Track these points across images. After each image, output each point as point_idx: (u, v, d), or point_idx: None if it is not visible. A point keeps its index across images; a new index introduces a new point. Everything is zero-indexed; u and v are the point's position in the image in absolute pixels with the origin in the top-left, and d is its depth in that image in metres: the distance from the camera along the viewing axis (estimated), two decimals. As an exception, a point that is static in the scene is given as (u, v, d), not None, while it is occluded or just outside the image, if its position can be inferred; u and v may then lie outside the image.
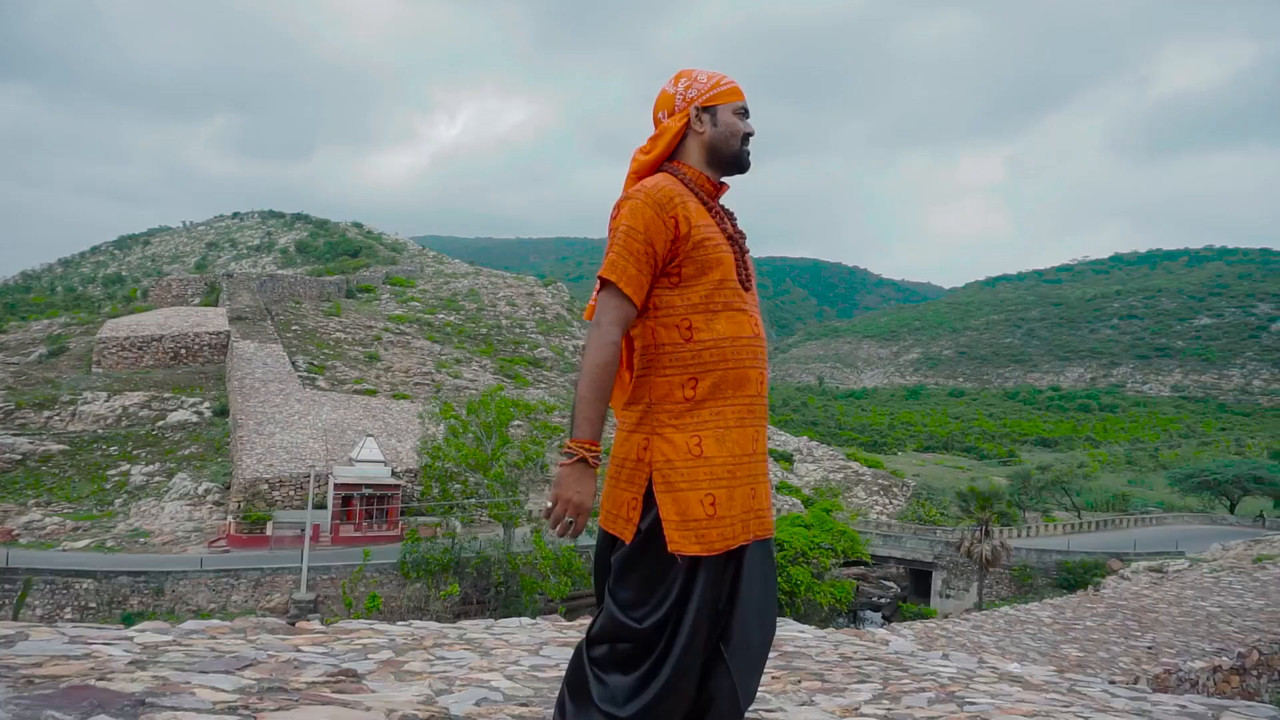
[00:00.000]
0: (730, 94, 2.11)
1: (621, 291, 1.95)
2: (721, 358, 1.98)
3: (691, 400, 1.97)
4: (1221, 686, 10.15)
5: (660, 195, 1.99)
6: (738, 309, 2.02)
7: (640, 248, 1.95)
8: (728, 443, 1.96)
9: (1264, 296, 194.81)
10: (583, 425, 1.91)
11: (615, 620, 1.93)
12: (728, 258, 2.04)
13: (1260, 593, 14.96)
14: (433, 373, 64.56)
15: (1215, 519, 57.74)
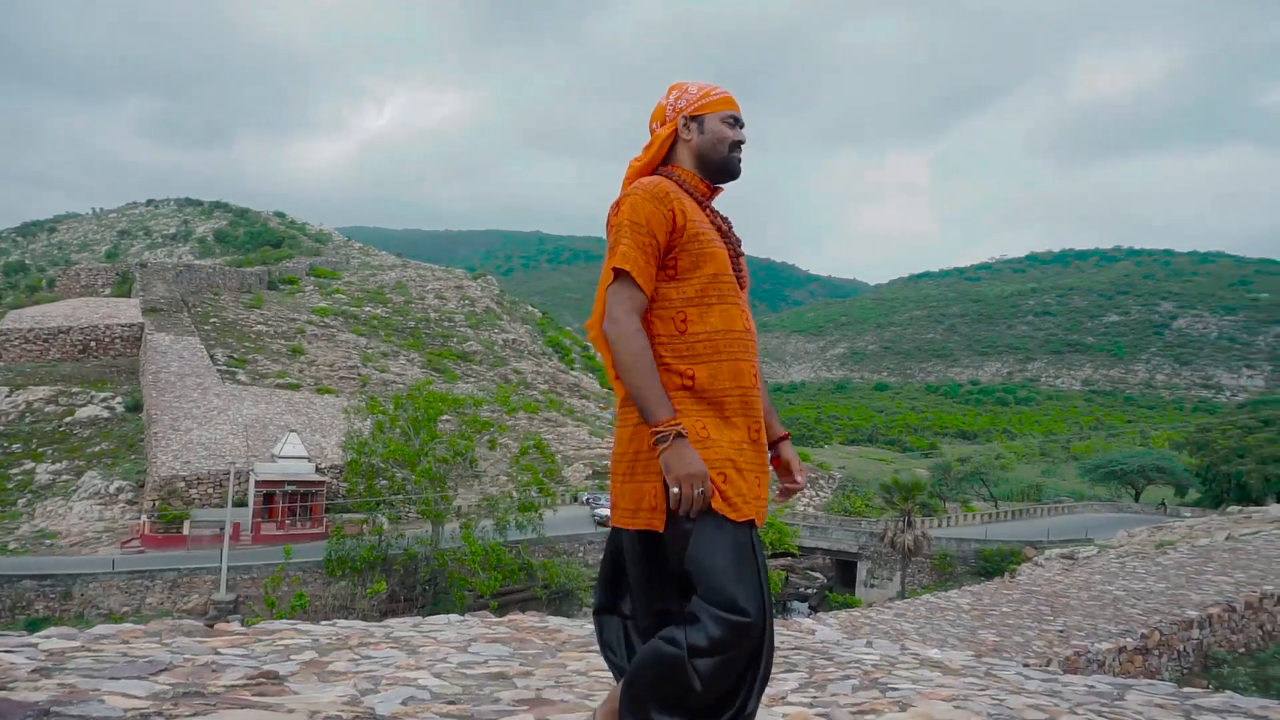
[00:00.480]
0: (719, 103, 2.18)
1: (635, 281, 2.00)
2: (715, 350, 2.03)
3: (691, 390, 2.01)
4: (1126, 666, 10.64)
5: (657, 190, 2.06)
6: (731, 303, 2.08)
7: (645, 240, 2.01)
8: (727, 430, 2.01)
9: (1167, 295, 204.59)
10: (655, 409, 1.91)
11: (725, 622, 1.83)
12: (721, 253, 2.10)
13: (1161, 577, 15.72)
14: (359, 367, 63.25)
15: (1122, 507, 60.44)
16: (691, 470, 1.86)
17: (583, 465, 53.61)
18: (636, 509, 2.01)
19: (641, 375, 1.93)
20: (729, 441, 2.00)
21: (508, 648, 4.08)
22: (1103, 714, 3.27)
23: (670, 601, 2.04)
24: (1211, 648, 12.66)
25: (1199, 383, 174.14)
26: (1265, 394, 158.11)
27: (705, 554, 1.88)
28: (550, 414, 64.09)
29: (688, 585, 1.95)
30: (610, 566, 2.23)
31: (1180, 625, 12.10)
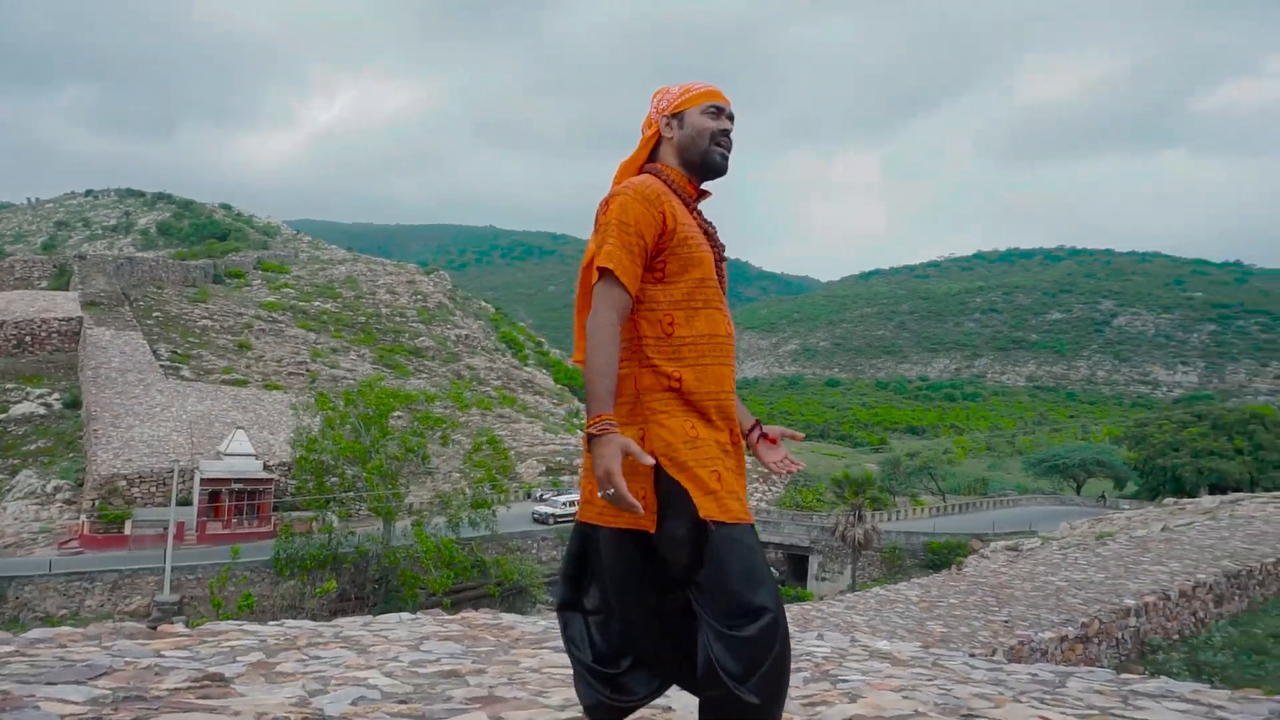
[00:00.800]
0: (700, 96, 2.17)
1: (620, 281, 1.98)
2: (700, 354, 2.04)
3: (677, 391, 2.02)
4: (1068, 655, 10.94)
5: (648, 191, 2.05)
6: (715, 308, 2.09)
7: (633, 240, 2.00)
8: (711, 432, 2.04)
9: (1107, 294, 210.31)
10: (601, 404, 1.90)
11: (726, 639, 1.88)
12: (708, 257, 2.10)
13: (1101, 567, 16.18)
14: (308, 362, 62.17)
15: (1064, 500, 62.06)
16: (608, 467, 1.82)
17: (536, 461, 53.38)
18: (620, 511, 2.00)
19: (601, 372, 1.91)
20: (715, 441, 2.02)
21: (460, 645, 4.05)
22: (1045, 701, 3.36)
23: (661, 599, 2.05)
24: (1148, 635, 13.08)
25: (1137, 379, 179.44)
26: (1198, 390, 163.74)
27: (718, 567, 1.90)
28: (504, 410, 63.71)
29: (683, 582, 1.98)
30: (576, 563, 2.20)
31: (1118, 614, 12.47)
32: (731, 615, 1.87)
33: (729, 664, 1.85)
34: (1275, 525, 24.39)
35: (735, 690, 1.85)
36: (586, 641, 2.18)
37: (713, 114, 2.16)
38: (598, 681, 2.14)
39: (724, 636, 1.87)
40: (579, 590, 2.21)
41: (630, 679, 2.14)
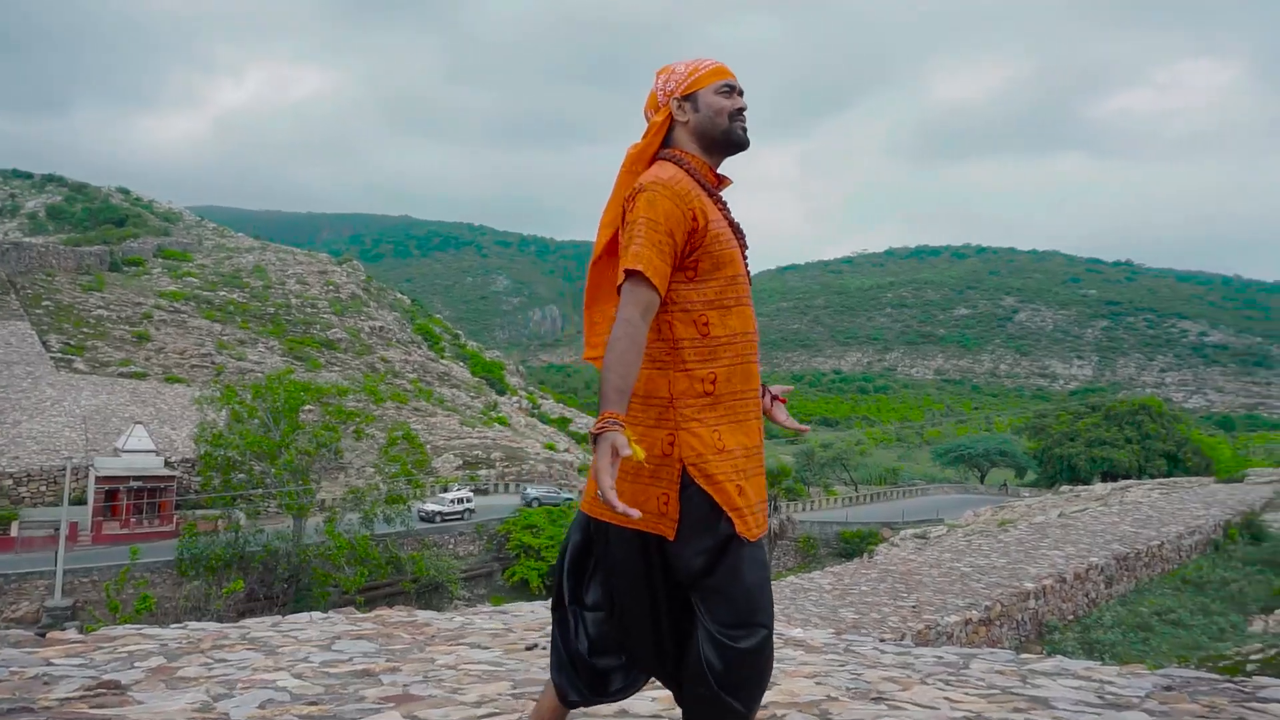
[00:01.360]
0: (710, 75, 2.10)
1: (649, 281, 1.90)
2: (735, 352, 2.01)
3: (711, 395, 1.98)
4: (972, 636, 11.39)
5: (678, 187, 1.98)
6: (745, 304, 2.05)
7: (662, 238, 1.93)
8: (740, 435, 1.99)
9: (1010, 291, 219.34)
10: (615, 402, 1.82)
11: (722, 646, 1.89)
12: (738, 254, 2.06)
13: (1003, 553, 16.88)
14: (213, 354, 59.89)
15: (969, 489, 64.52)
16: (599, 466, 1.77)
17: (453, 456, 52.70)
18: (644, 511, 1.97)
19: (614, 369, 1.84)
20: (740, 448, 1.99)
21: (374, 644, 3.98)
22: (950, 682, 3.48)
23: (663, 598, 2.03)
24: (1045, 616, 13.72)
25: (1036, 372, 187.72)
26: (1092, 383, 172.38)
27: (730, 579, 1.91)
28: (420, 403, 62.65)
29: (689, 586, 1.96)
30: (581, 559, 2.16)
31: (1019, 597, 13.04)
32: (733, 626, 1.89)
33: (720, 670, 1.88)
34: (1160, 510, 25.88)
35: (722, 695, 1.89)
36: (583, 635, 2.16)
37: (726, 93, 2.10)
38: (583, 673, 2.14)
39: (721, 645, 1.89)
40: (581, 585, 2.19)
41: (615, 675, 2.15)
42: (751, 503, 1.96)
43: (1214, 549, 21.65)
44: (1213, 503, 28.32)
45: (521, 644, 4.17)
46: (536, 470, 52.78)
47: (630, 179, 2.12)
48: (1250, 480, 39.96)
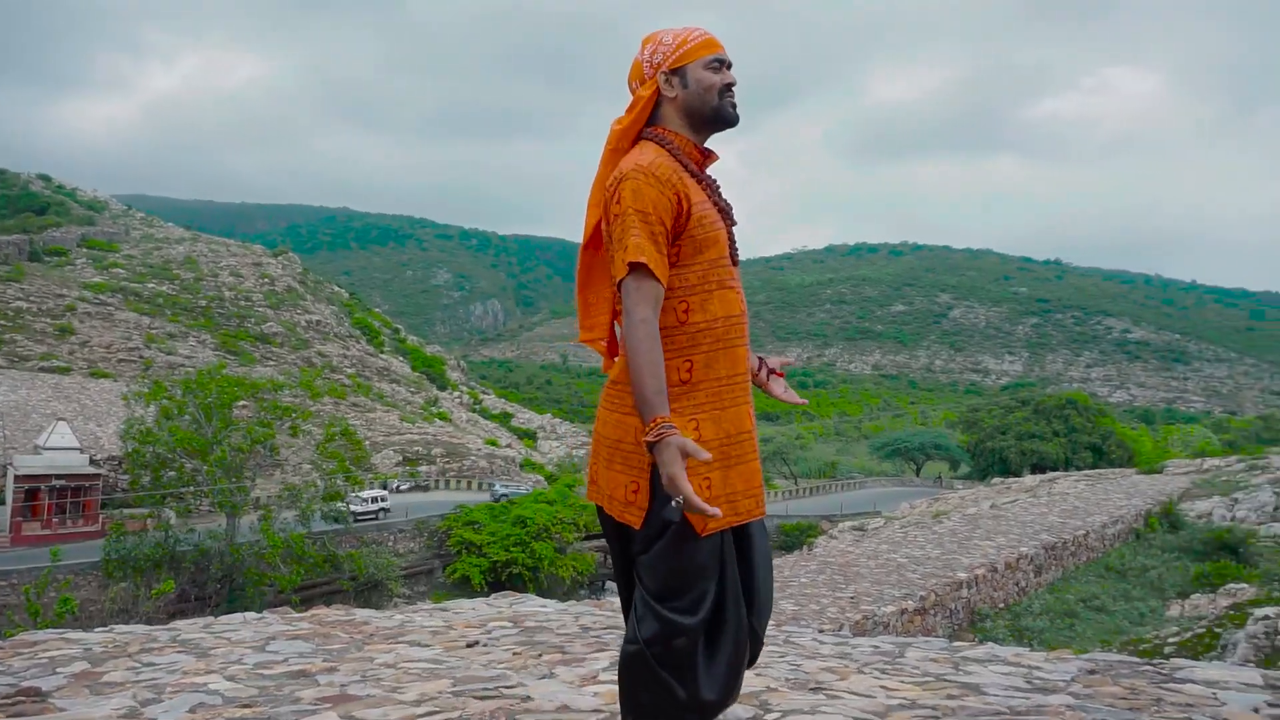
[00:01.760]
0: (700, 48, 2.01)
1: (653, 273, 1.86)
2: (716, 338, 1.96)
3: (687, 383, 1.94)
4: (907, 626, 11.65)
5: (660, 172, 1.92)
6: (729, 287, 2.00)
7: (656, 228, 1.89)
8: (723, 423, 1.95)
9: (945, 288, 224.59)
10: (654, 408, 1.80)
11: (662, 618, 1.89)
12: (722, 235, 2.00)
13: (938, 544, 17.29)
14: (141, 348, 57.97)
15: (905, 481, 65.93)
16: (673, 473, 1.77)
17: (393, 451, 51.95)
18: (613, 498, 1.98)
19: (649, 372, 1.82)
20: (723, 436, 1.95)
21: (310, 644, 3.90)
22: (886, 671, 3.56)
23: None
24: (977, 605, 14.10)
25: (970, 367, 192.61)
26: (1023, 378, 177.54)
27: (661, 560, 1.90)
28: (358, 399, 61.57)
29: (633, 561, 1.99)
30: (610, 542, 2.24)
31: (952, 586, 13.38)
32: (662, 597, 1.90)
33: (643, 629, 1.90)
34: (1085, 501, 26.79)
35: (638, 647, 1.91)
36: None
37: (715, 67, 2.02)
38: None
39: (650, 606, 1.90)
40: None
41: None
42: (721, 495, 1.93)
43: (1135, 537, 22.48)
44: (1134, 493, 29.41)
45: (462, 641, 4.13)
46: (478, 466, 52.36)
47: (615, 157, 2.05)
48: (1169, 471, 41.59)
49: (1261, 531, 21.11)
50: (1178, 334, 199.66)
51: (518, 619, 4.84)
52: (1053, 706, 2.91)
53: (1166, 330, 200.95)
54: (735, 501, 1.96)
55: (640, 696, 1.94)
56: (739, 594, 1.98)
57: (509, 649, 3.96)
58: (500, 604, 5.75)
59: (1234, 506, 25.11)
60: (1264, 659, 7.85)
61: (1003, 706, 2.93)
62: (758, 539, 2.08)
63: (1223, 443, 69.22)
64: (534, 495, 39.19)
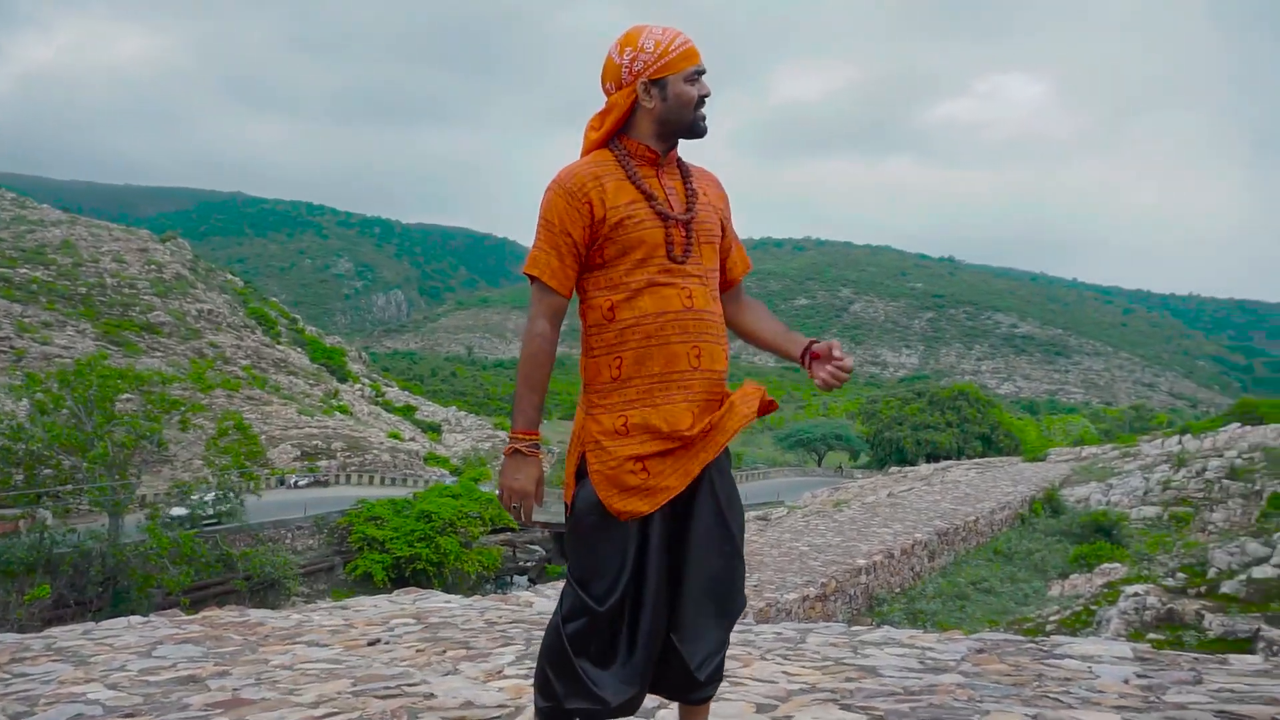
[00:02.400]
0: (681, 59, 2.00)
1: (547, 285, 1.97)
2: (646, 335, 1.96)
3: (617, 380, 1.97)
4: (809, 612, 11.96)
5: (572, 183, 1.97)
6: (663, 284, 1.97)
7: (558, 239, 1.96)
8: (653, 420, 1.95)
9: (846, 282, 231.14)
10: (517, 417, 1.99)
11: (577, 597, 1.95)
12: (652, 234, 1.97)
13: (838, 532, 17.81)
14: (11, 338, 54.38)
15: (808, 472, 67.64)
16: (515, 485, 1.94)
17: (290, 446, 50.30)
18: (564, 486, 2.09)
19: (523, 380, 1.99)
20: (655, 434, 1.95)
21: (200, 647, 3.75)
22: (788, 657, 3.65)
23: None
24: (875, 590, 14.59)
25: (869, 360, 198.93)
26: (919, 370, 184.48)
27: (573, 543, 1.99)
28: (254, 391, 59.35)
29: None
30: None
31: (851, 572, 13.81)
32: (578, 579, 1.97)
33: (562, 603, 2.00)
34: (975, 488, 28.04)
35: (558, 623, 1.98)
36: None
37: (694, 79, 2.02)
38: None
39: (569, 585, 2.00)
40: None
41: None
42: (658, 486, 1.94)
43: (1021, 522, 23.67)
44: (1020, 480, 30.96)
45: (364, 639, 4.04)
46: (380, 460, 51.21)
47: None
48: (1051, 459, 43.96)
49: (1133, 515, 22.53)
50: (1060, 329, 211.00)
51: (421, 615, 4.76)
52: (944, 685, 3.04)
53: (1050, 325, 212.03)
54: (669, 491, 1.96)
55: (552, 683, 1.95)
56: (657, 598, 1.96)
57: (412, 646, 3.89)
58: (403, 600, 5.64)
59: (1109, 491, 26.71)
60: (1134, 632, 8.39)
61: (897, 687, 3.04)
62: (702, 549, 2.00)
63: (1099, 432, 73.56)
64: (438, 489, 38.56)
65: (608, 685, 1.93)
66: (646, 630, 1.95)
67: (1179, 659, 3.53)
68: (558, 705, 1.95)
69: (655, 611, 1.96)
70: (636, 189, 2.00)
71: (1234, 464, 23.37)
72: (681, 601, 1.99)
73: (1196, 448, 31.51)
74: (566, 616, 1.95)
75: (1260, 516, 14.50)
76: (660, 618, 1.97)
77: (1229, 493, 21.06)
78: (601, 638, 1.94)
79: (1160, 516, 21.88)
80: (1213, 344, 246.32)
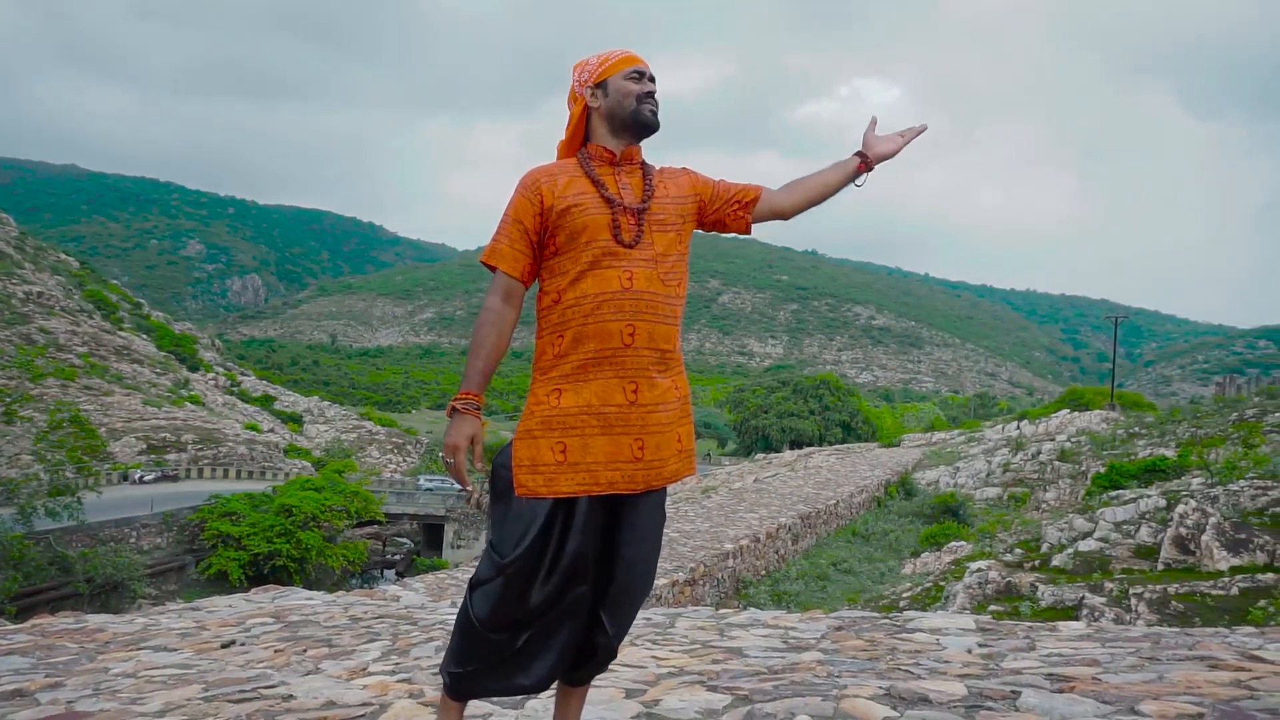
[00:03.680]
0: (620, 62, 2.21)
1: (498, 267, 2.15)
2: (585, 314, 2.07)
3: (558, 356, 2.10)
4: (679, 597, 12.19)
5: (528, 179, 2.18)
6: (606, 267, 2.09)
7: (513, 229, 2.15)
8: (585, 394, 2.05)
9: (714, 274, 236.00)
10: (464, 380, 2.11)
11: (488, 556, 2.05)
12: (596, 219, 2.11)
13: (706, 517, 18.22)
14: None
15: (677, 459, 68.67)
16: (446, 440, 2.07)
17: (135, 439, 47.11)
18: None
19: (475, 352, 2.13)
20: (584, 406, 2.05)
21: (29, 658, 3.46)
22: (657, 642, 3.70)
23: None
24: (741, 573, 15.02)
25: (737, 350, 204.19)
26: (783, 360, 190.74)
27: (493, 511, 2.11)
28: (93, 380, 55.21)
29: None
30: None
31: (719, 557, 14.15)
32: (494, 546, 2.06)
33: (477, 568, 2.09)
34: (836, 473, 29.25)
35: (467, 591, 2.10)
36: None
37: (635, 78, 2.20)
38: None
39: (487, 551, 2.09)
40: None
41: None
42: (580, 463, 2.04)
43: (877, 505, 24.87)
44: (877, 465, 32.53)
45: (216, 642, 3.84)
46: (237, 453, 48.70)
47: None
48: (905, 445, 46.41)
49: (977, 496, 24.06)
50: (913, 321, 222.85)
51: (280, 614, 4.56)
52: (805, 662, 3.16)
53: (904, 318, 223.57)
54: (595, 471, 2.05)
55: (465, 656, 2.06)
56: (582, 570, 2.04)
57: (270, 646, 3.73)
58: (261, 599, 5.40)
59: (956, 474, 28.43)
60: (977, 605, 8.97)
61: (762, 666, 3.14)
62: (639, 521, 2.11)
63: (948, 418, 78.14)
64: (299, 482, 37.03)
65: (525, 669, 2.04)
66: (562, 609, 2.04)
67: (1016, 628, 3.81)
68: (461, 674, 2.06)
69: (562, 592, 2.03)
70: (589, 181, 2.17)
71: (1063, 447, 25.32)
72: (609, 586, 2.09)
73: (1032, 432, 33.99)
74: (475, 580, 2.05)
75: (1085, 495, 15.78)
76: (573, 599, 2.05)
77: (1059, 474, 22.79)
78: (508, 604, 2.01)
79: (1001, 497, 23.46)
80: (1047, 336, 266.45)
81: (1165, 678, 2.60)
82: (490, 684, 2.07)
